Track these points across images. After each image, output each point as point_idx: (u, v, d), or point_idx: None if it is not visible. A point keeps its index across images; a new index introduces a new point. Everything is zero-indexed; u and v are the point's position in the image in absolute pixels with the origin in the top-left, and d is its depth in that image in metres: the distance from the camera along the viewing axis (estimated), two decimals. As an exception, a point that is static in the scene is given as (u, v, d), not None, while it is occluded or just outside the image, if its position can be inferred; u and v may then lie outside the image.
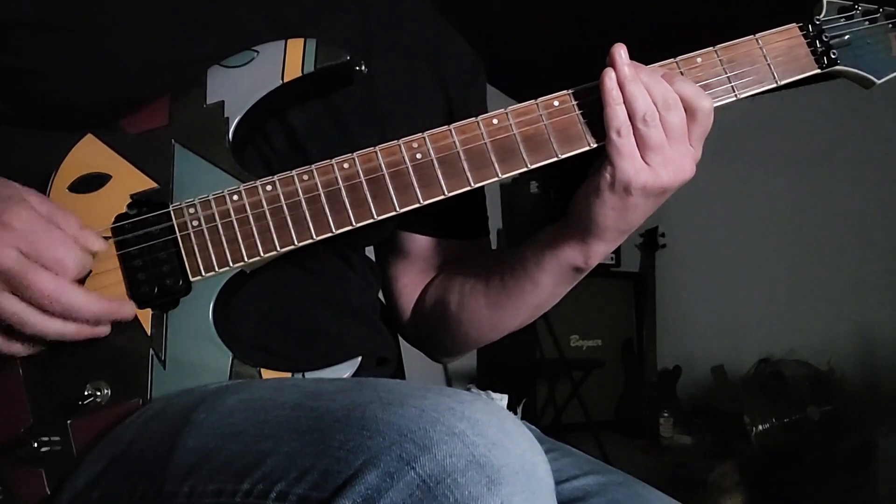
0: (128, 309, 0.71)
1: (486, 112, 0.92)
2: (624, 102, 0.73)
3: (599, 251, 0.80)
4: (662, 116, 0.73)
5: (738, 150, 3.66)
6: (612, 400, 4.11)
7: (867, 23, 0.85)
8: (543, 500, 0.52)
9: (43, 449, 0.69)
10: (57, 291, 0.65)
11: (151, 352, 0.72)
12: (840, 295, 3.74)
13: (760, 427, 3.13)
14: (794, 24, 0.83)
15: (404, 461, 0.50)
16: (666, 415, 3.86)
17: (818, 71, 0.82)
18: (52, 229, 0.67)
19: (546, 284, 0.84)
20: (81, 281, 0.70)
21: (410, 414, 0.53)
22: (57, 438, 0.70)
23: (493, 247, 1.04)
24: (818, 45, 0.82)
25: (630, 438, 3.82)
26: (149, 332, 0.72)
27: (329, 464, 0.52)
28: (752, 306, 4.03)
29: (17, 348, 0.69)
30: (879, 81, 0.84)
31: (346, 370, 0.73)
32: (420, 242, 0.96)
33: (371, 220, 0.75)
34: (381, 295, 0.98)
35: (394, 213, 0.76)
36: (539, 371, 3.69)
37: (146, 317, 0.72)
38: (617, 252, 4.21)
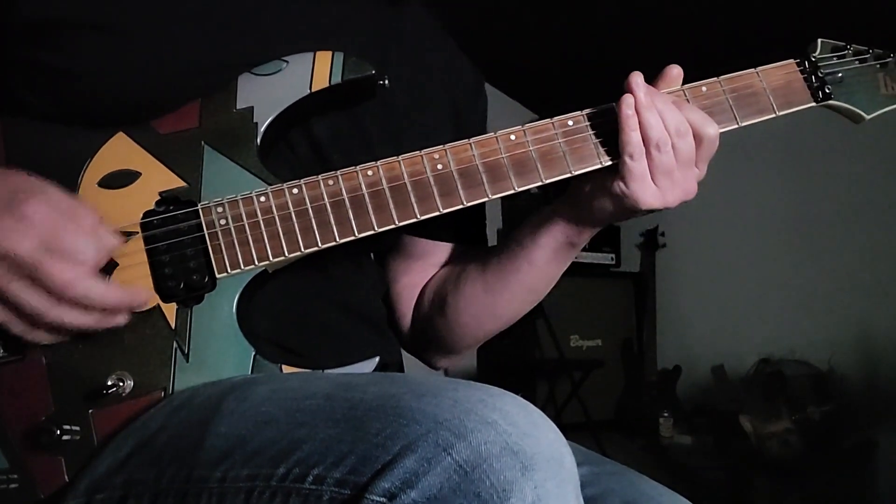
0: (142, 296, 0.71)
1: (486, 124, 0.97)
2: (639, 128, 0.78)
3: (589, 232, 0.88)
4: (674, 143, 0.78)
5: (737, 150, 3.66)
6: (612, 400, 4.10)
7: (857, 62, 0.91)
8: (571, 486, 0.55)
9: (64, 437, 0.70)
10: (73, 281, 0.66)
11: (175, 345, 0.73)
12: (840, 295, 3.70)
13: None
14: (791, 60, 0.88)
15: (441, 447, 0.52)
16: (666, 415, 3.86)
17: (814, 104, 0.88)
18: (68, 222, 0.67)
19: (540, 261, 0.89)
20: (108, 274, 0.72)
21: (445, 404, 0.56)
22: (77, 428, 0.71)
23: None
24: (814, 81, 0.88)
25: (630, 438, 3.81)
26: (173, 326, 0.74)
27: (367, 449, 0.54)
28: (752, 306, 3.99)
29: (41, 337, 0.69)
30: (869, 117, 0.90)
31: (365, 369, 0.75)
32: (422, 244, 0.99)
33: (392, 226, 0.78)
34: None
35: (414, 220, 0.79)
36: (539, 371, 3.69)
37: (171, 311, 0.74)
38: (617, 252, 4.27)
